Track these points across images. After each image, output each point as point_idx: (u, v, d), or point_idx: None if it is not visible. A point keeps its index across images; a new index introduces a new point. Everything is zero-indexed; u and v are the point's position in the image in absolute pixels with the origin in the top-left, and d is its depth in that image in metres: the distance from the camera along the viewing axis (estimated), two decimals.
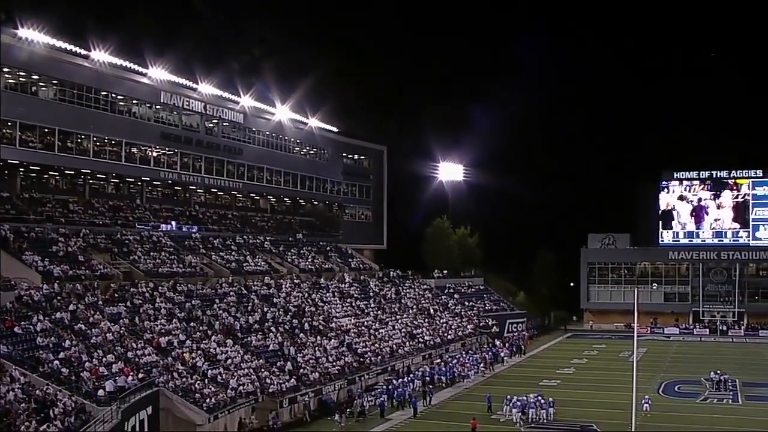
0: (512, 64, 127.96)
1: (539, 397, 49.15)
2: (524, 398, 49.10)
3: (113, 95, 62.67)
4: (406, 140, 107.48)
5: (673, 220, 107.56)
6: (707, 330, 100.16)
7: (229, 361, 49.40)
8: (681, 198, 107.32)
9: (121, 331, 45.98)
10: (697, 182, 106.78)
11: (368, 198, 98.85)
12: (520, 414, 47.69)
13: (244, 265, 68.11)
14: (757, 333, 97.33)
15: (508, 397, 49.47)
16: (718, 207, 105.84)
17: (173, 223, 67.47)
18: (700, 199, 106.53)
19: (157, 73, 65.15)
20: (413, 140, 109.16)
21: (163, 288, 54.57)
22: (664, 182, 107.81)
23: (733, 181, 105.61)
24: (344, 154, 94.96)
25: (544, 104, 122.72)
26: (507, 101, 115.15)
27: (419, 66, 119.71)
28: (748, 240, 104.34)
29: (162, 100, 67.26)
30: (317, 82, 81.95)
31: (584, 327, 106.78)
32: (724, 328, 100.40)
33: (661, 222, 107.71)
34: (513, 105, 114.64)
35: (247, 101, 75.45)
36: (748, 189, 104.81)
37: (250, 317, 57.55)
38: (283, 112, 79.73)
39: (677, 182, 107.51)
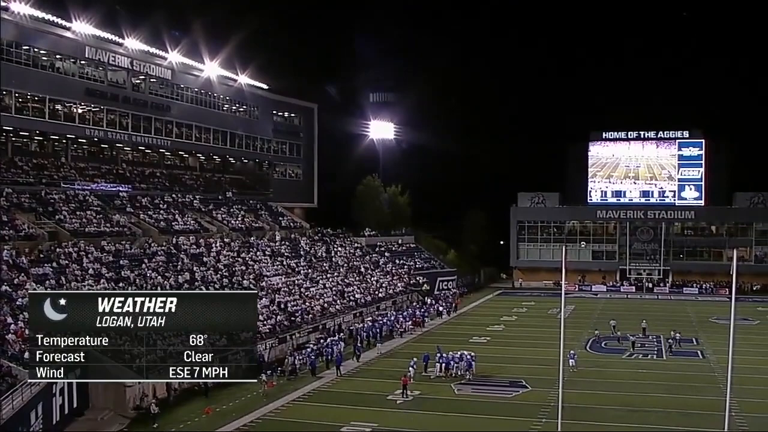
0: (442, 21, 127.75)
1: (464, 354, 50.00)
2: (450, 354, 50.01)
3: (35, 50, 60.96)
4: (337, 98, 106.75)
5: (602, 179, 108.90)
6: (633, 288, 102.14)
7: None
8: (609, 157, 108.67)
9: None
10: (625, 142, 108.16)
11: (299, 156, 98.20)
12: (443, 368, 48.94)
13: (173, 224, 67.25)
14: (682, 290, 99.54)
15: (439, 354, 50.09)
16: (646, 167, 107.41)
17: (100, 181, 66.27)
18: (628, 159, 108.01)
19: (82, 27, 63.54)
20: (344, 98, 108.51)
21: (90, 248, 53.62)
22: (592, 141, 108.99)
23: (660, 141, 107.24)
24: (274, 112, 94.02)
25: (474, 62, 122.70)
26: (436, 59, 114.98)
27: (349, 21, 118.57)
28: (674, 200, 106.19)
29: (87, 55, 65.67)
30: (247, 38, 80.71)
31: (514, 284, 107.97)
32: (650, 285, 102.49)
33: (589, 181, 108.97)
34: (443, 63, 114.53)
35: (175, 57, 74.07)
36: (675, 149, 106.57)
37: (179, 277, 56.90)
38: (212, 69, 78.58)
39: (606, 141, 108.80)
